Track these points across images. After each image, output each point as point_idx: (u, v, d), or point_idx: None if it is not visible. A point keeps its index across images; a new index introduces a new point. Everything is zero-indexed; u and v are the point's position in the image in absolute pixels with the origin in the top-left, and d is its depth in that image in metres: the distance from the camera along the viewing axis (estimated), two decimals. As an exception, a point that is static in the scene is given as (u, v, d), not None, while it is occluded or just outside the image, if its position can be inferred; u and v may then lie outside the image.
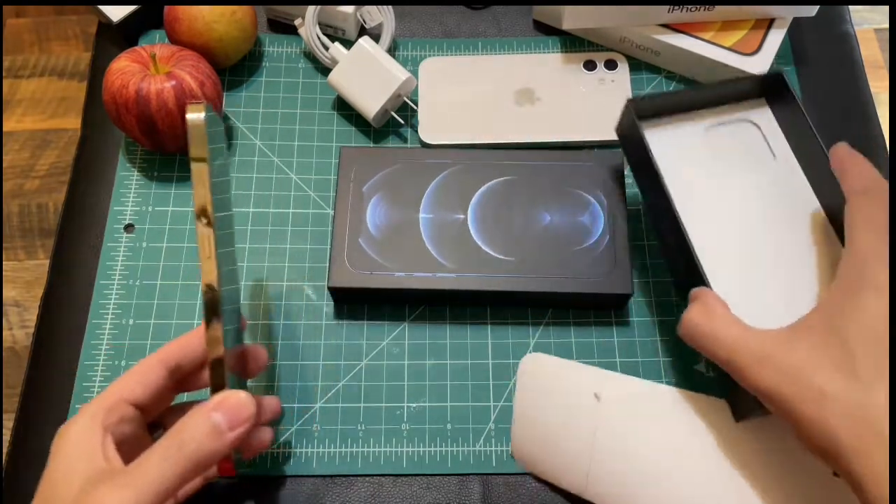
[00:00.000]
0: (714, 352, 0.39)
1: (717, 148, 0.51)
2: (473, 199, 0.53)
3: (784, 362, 0.36)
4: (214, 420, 0.37)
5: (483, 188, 0.53)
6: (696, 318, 0.41)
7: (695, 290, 0.43)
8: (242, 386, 0.45)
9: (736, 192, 0.50)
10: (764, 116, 0.52)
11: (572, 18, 0.59)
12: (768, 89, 0.52)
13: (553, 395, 0.49)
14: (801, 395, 0.35)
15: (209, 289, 0.39)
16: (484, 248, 0.51)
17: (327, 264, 0.53)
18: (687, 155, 0.51)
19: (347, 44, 0.59)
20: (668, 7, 0.58)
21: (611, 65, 0.61)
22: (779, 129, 0.52)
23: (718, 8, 0.58)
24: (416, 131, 0.59)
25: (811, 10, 0.59)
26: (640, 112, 0.50)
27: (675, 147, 0.51)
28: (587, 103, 0.60)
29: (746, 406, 0.42)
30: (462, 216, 0.52)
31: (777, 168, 0.51)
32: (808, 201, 0.50)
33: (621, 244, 0.51)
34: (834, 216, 0.48)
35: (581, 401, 0.48)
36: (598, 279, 0.50)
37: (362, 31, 0.63)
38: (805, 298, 0.46)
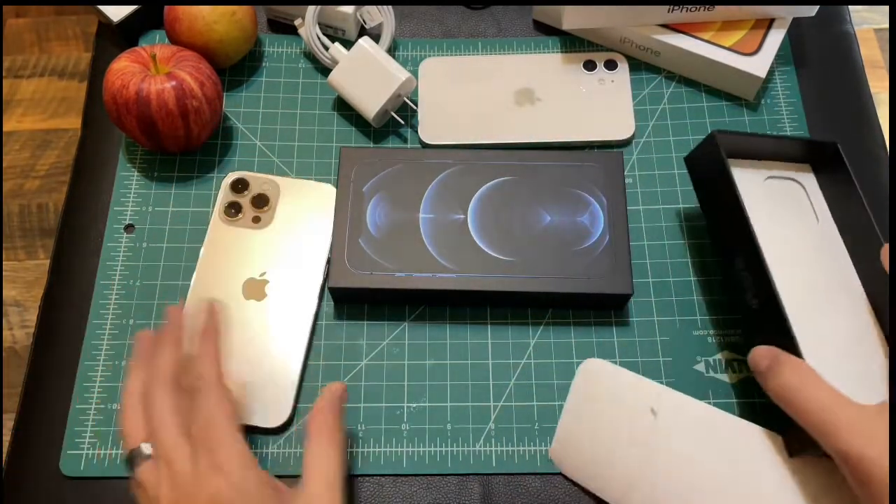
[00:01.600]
0: (806, 413, 0.42)
1: (774, 199, 0.52)
2: (473, 199, 0.53)
3: (873, 430, 0.39)
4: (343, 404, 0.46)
5: (483, 188, 0.53)
6: (790, 380, 0.43)
7: (772, 354, 0.45)
8: None
9: (787, 245, 0.51)
10: (809, 180, 0.54)
11: (572, 18, 0.59)
12: (817, 156, 0.53)
13: (609, 404, 0.49)
14: (882, 459, 0.38)
15: None
16: (484, 248, 0.51)
17: (327, 265, 0.53)
18: (748, 201, 0.51)
19: (347, 44, 0.59)
20: (667, 7, 0.58)
21: (611, 65, 0.61)
22: (821, 196, 0.53)
23: (718, 8, 0.58)
24: (416, 131, 0.59)
25: (811, 11, 0.59)
26: (725, 147, 0.50)
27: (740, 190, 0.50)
28: (587, 103, 0.60)
29: (803, 444, 0.43)
30: (462, 216, 0.52)
31: (820, 231, 0.52)
32: (847, 271, 0.51)
33: (621, 244, 0.51)
34: (871, 291, 0.50)
35: (636, 413, 0.48)
36: (598, 279, 0.50)
37: (362, 32, 0.63)
38: (829, 365, 0.47)
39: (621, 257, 0.51)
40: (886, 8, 1.37)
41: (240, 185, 0.56)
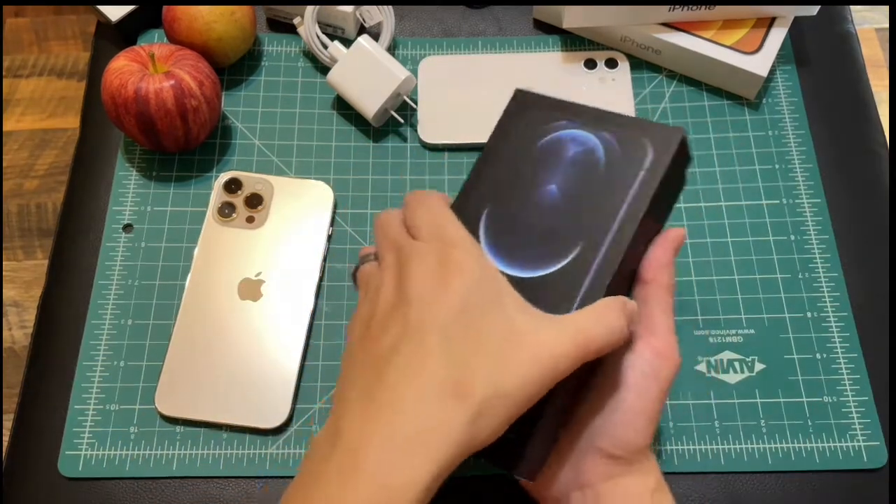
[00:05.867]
0: None
1: None
2: (482, 231, 0.42)
3: None
4: (628, 308, 0.37)
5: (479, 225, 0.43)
6: None
7: None
8: None
9: None
10: None
11: (572, 17, 0.59)
12: None
13: None
14: None
15: None
16: (534, 274, 0.40)
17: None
18: None
19: (347, 43, 0.59)
20: (668, 6, 0.57)
21: (611, 64, 0.61)
22: None
23: (719, 7, 0.58)
24: (416, 131, 0.59)
25: (812, 10, 0.58)
26: None
27: None
28: (588, 102, 0.59)
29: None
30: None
31: None
32: None
33: (619, 118, 0.42)
34: None
35: None
36: (646, 161, 0.40)
37: (362, 30, 0.62)
38: None
39: (635, 123, 0.41)
40: (886, 7, 1.37)
41: (233, 186, 0.56)
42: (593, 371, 0.40)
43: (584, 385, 0.40)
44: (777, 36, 0.58)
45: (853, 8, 0.66)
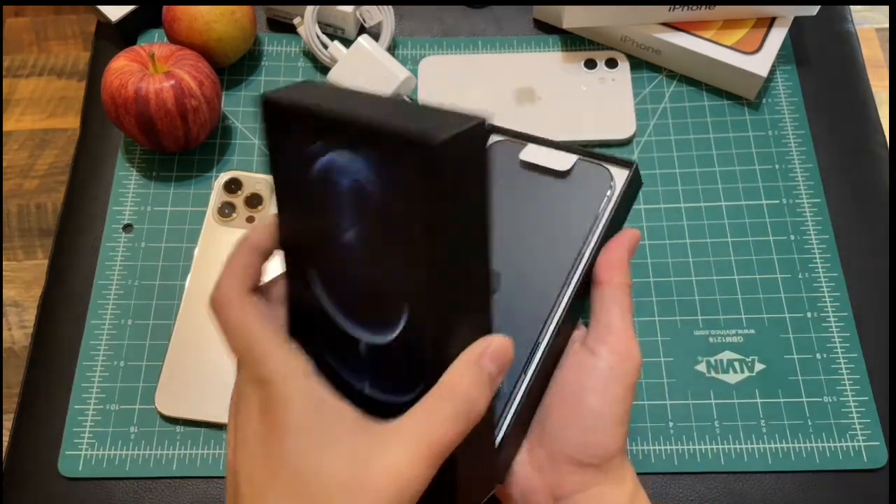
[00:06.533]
0: None
1: None
2: None
3: None
4: (488, 370, 0.31)
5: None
6: None
7: None
8: None
9: None
10: None
11: (572, 17, 0.59)
12: None
13: None
14: None
15: None
16: (380, 340, 0.32)
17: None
18: None
19: (347, 43, 0.59)
20: (668, 6, 0.57)
21: (611, 63, 0.61)
22: None
23: (719, 7, 0.58)
24: (416, 131, 0.59)
25: (812, 10, 0.58)
26: None
27: None
28: (588, 102, 0.59)
29: None
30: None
31: None
32: None
33: (373, 123, 0.29)
34: None
35: None
36: (414, 184, 0.28)
37: (362, 31, 0.62)
38: None
39: (385, 127, 0.28)
40: (887, 7, 1.37)
41: (233, 186, 0.56)
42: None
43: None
44: (777, 36, 0.58)
45: (853, 8, 0.66)
